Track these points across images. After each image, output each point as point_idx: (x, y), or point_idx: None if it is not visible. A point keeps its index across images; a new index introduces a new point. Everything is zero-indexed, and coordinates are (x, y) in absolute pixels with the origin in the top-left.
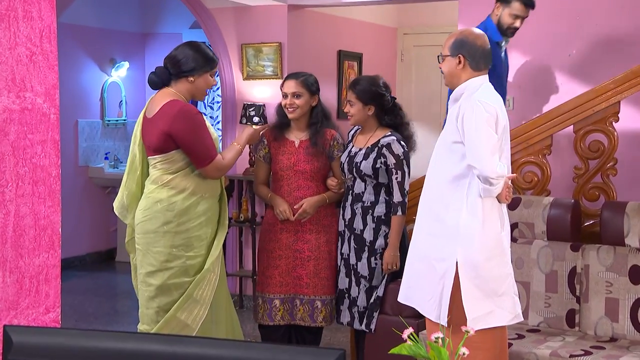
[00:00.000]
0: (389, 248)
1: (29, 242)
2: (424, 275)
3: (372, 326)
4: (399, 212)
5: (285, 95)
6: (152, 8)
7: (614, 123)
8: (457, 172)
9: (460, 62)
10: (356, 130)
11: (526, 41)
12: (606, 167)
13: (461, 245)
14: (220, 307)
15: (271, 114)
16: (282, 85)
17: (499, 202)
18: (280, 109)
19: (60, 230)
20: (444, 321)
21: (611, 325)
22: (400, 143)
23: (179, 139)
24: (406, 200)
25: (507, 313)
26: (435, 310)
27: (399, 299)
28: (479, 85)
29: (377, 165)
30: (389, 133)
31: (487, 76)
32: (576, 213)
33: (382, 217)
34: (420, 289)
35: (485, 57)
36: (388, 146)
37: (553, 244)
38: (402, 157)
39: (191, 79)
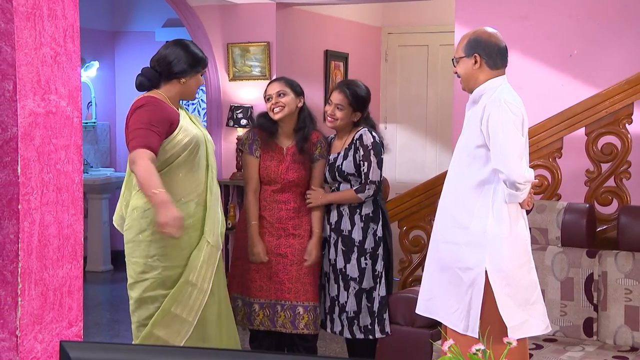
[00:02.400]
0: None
1: (52, 253)
2: (448, 285)
3: (388, 329)
4: (359, 190)
5: (269, 98)
6: (123, 5)
7: (627, 125)
8: (482, 177)
9: (476, 61)
10: (332, 139)
11: (526, 41)
12: (619, 171)
13: (489, 253)
14: (210, 324)
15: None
16: (265, 92)
17: (520, 207)
18: (264, 117)
19: (82, 239)
20: (474, 333)
21: (631, 334)
22: (371, 133)
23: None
24: (366, 185)
25: (540, 322)
26: (462, 321)
27: (417, 311)
28: (499, 85)
29: (358, 162)
30: (361, 127)
31: (505, 76)
32: (591, 218)
33: (370, 214)
34: (445, 300)
35: (502, 54)
36: (360, 138)
37: (568, 250)
38: (369, 148)
39: (183, 80)
